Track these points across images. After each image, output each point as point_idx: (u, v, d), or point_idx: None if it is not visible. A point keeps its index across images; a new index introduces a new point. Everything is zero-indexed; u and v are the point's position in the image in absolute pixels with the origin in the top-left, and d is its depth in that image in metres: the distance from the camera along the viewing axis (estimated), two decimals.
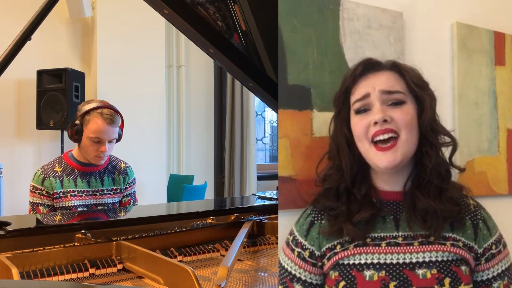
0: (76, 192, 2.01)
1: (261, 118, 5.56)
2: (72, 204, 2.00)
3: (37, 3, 1.44)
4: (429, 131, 0.85)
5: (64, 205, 1.99)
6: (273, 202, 1.93)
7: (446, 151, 0.88)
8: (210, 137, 5.26)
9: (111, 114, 1.98)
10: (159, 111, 4.75)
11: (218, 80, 5.29)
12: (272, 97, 1.56)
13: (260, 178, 5.18)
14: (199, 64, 5.11)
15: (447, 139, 0.88)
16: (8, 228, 1.29)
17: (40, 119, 3.92)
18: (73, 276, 1.15)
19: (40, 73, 3.93)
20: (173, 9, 1.33)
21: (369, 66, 0.88)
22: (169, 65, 4.93)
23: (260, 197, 2.14)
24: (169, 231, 1.46)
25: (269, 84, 1.53)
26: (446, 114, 1.08)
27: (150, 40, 4.64)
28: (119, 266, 1.22)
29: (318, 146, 0.96)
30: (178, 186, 4.32)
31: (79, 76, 4.07)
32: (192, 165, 5.07)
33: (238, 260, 1.34)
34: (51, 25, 4.20)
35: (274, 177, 5.08)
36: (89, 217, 1.85)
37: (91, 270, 1.17)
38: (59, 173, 2.01)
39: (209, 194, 4.96)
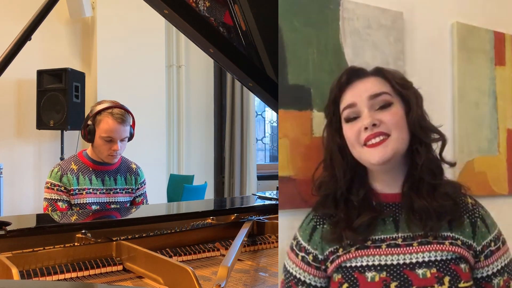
0: (91, 189, 2.07)
1: (261, 118, 5.56)
2: (87, 201, 2.05)
3: (37, 3, 1.44)
4: (418, 128, 0.87)
5: (79, 202, 2.04)
6: (273, 202, 1.93)
7: (437, 148, 0.89)
8: (210, 137, 5.26)
9: (122, 113, 2.03)
10: (159, 111, 4.75)
11: (218, 80, 5.28)
12: (272, 97, 1.56)
13: (260, 178, 5.18)
14: (199, 64, 5.11)
15: (436, 136, 0.89)
16: (8, 228, 1.29)
17: (40, 119, 3.92)
18: (73, 275, 1.15)
19: (40, 73, 3.93)
20: (173, 9, 1.33)
21: (353, 74, 0.90)
22: (169, 65, 4.93)
23: (260, 197, 2.14)
24: (169, 231, 1.46)
25: (269, 84, 1.53)
26: (446, 114, 1.08)
27: (150, 40, 4.64)
28: (119, 267, 1.22)
29: (318, 146, 0.96)
30: (178, 186, 4.31)
31: (79, 76, 4.07)
32: (192, 165, 5.07)
33: (238, 260, 1.34)
34: (51, 25, 4.20)
35: (274, 177, 5.07)
36: (103, 215, 1.89)
37: (91, 270, 1.17)
38: (75, 171, 2.06)
39: (209, 194, 4.96)
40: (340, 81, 0.90)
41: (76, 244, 1.31)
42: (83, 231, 1.36)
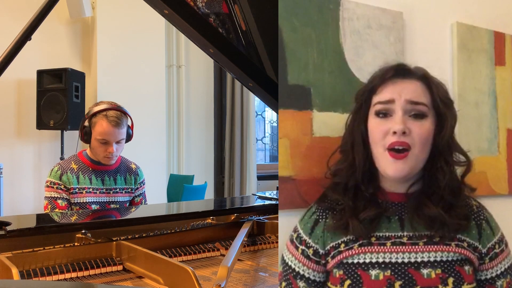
0: (91, 189, 2.08)
1: (261, 118, 5.56)
2: (87, 201, 2.06)
3: (37, 3, 1.44)
4: (446, 149, 0.86)
5: (79, 201, 2.06)
6: (273, 202, 1.93)
7: (458, 169, 0.89)
8: (210, 137, 5.26)
9: (117, 116, 2.02)
10: (159, 111, 4.74)
11: (218, 80, 5.28)
12: (272, 97, 1.56)
13: (260, 178, 5.17)
14: (199, 64, 5.11)
15: (462, 158, 0.88)
16: (8, 228, 1.29)
17: (40, 119, 3.92)
18: (73, 275, 1.15)
19: (40, 73, 3.92)
20: (173, 9, 1.33)
21: (400, 72, 0.88)
22: (169, 65, 4.93)
23: (260, 197, 2.14)
24: (169, 231, 1.46)
25: (269, 84, 1.53)
26: None
27: (150, 40, 4.63)
28: (119, 267, 1.22)
29: (318, 146, 0.96)
30: (178, 186, 4.31)
31: (79, 76, 4.07)
32: (192, 165, 5.07)
33: (238, 260, 1.34)
34: (51, 25, 4.20)
35: (274, 177, 5.07)
36: (103, 215, 1.90)
37: (91, 270, 1.17)
38: (75, 170, 2.08)
39: (209, 194, 4.96)
40: (385, 75, 0.88)
41: (76, 244, 1.31)
42: (83, 231, 1.35)
